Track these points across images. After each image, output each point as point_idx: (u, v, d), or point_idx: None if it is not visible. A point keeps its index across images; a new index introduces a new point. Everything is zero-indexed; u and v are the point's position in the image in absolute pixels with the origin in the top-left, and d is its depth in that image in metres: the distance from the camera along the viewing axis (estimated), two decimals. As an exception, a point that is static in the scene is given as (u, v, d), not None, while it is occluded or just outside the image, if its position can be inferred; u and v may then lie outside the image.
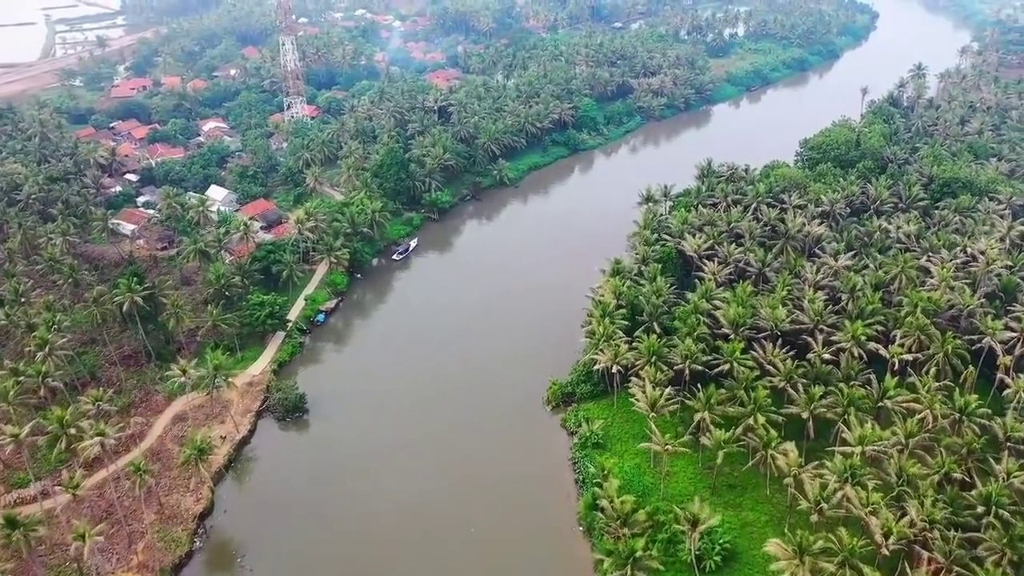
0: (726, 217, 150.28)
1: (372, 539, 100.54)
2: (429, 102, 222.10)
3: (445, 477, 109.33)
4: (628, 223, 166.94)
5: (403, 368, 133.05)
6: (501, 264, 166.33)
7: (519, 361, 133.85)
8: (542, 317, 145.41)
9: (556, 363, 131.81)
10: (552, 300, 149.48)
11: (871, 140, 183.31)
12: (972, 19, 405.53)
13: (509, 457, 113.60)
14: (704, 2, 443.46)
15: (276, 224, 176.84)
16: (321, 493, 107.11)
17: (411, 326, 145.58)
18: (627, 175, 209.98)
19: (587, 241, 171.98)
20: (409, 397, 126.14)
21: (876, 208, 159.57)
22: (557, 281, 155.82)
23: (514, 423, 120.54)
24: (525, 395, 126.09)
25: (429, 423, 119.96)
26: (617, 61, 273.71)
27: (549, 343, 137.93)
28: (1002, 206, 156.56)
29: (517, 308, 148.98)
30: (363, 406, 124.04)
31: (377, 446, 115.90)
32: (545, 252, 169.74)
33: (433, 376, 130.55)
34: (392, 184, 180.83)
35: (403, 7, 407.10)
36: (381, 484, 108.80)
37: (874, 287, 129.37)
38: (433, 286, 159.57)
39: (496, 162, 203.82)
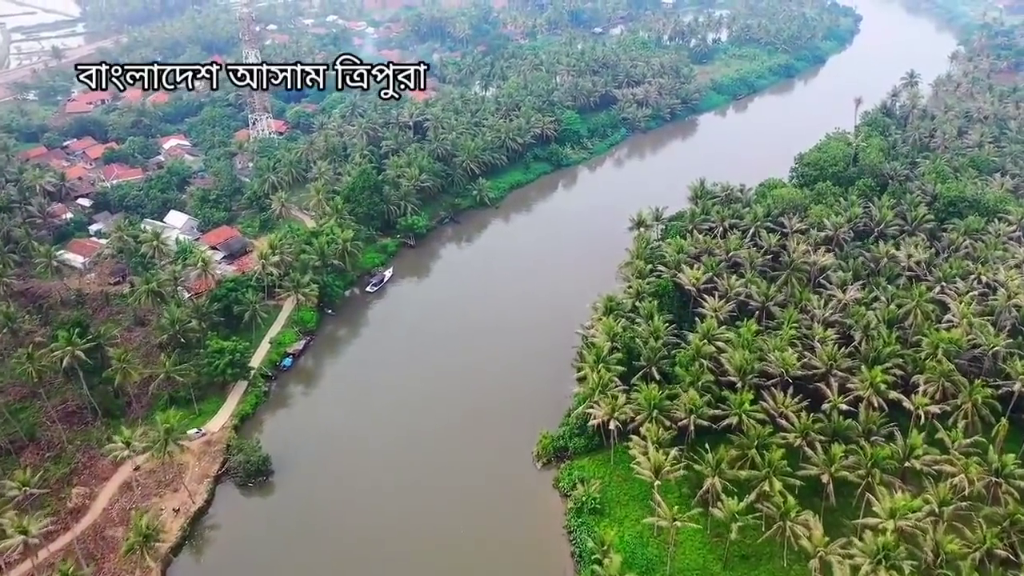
0: (724, 245, 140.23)
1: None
2: (404, 117, 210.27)
3: (425, 548, 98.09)
4: (617, 245, 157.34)
5: (378, 417, 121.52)
6: (483, 294, 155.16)
7: (505, 407, 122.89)
8: (528, 354, 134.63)
9: (545, 409, 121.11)
10: (539, 335, 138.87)
11: (870, 156, 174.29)
12: (955, 22, 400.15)
13: (496, 524, 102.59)
14: (684, 6, 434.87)
15: (240, 254, 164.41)
16: (287, 569, 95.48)
17: (387, 367, 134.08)
18: (614, 192, 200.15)
19: (574, 266, 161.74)
20: (385, 452, 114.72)
21: (880, 231, 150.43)
22: (544, 313, 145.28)
23: (501, 483, 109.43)
24: (512, 448, 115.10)
25: (407, 484, 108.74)
26: (599, 70, 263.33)
27: (537, 385, 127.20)
28: (1012, 227, 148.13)
29: (501, 344, 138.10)
30: (334, 464, 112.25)
31: (348, 512, 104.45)
32: (530, 279, 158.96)
33: (411, 427, 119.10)
34: (365, 209, 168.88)
35: (376, 12, 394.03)
36: (353, 555, 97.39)
37: (888, 323, 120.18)
38: (410, 320, 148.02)
39: (476, 181, 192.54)
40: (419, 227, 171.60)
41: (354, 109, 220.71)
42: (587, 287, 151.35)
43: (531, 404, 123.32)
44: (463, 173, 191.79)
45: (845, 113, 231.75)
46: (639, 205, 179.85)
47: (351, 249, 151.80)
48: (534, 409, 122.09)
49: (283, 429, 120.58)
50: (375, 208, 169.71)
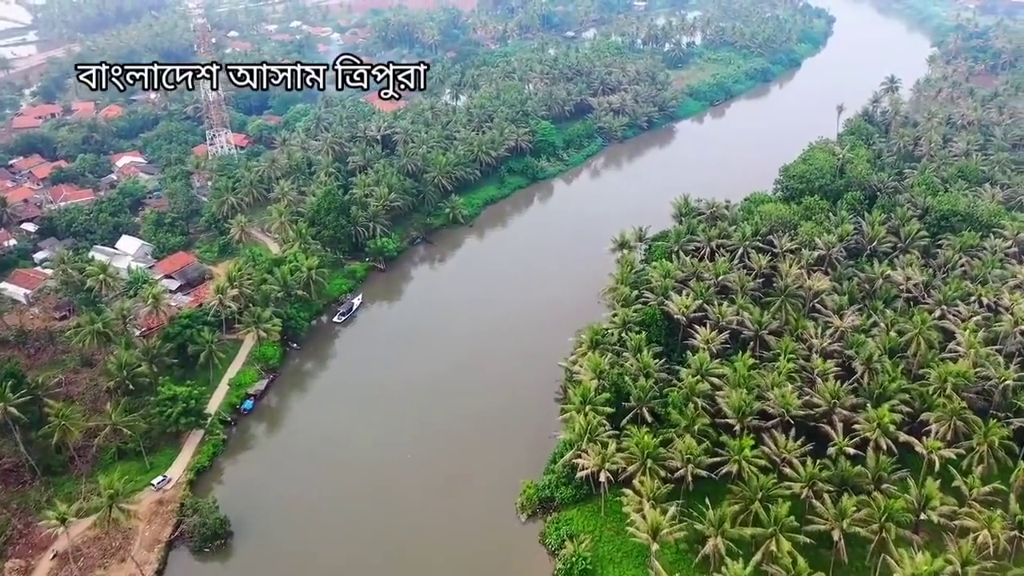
0: (713, 268, 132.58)
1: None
2: (372, 130, 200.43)
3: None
4: (598, 265, 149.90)
5: (348, 464, 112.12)
6: (457, 321, 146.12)
7: (484, 451, 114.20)
8: (508, 388, 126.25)
9: (528, 452, 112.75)
10: (519, 366, 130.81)
11: (857, 168, 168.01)
12: (927, 22, 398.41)
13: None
14: (656, 8, 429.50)
15: (197, 283, 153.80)
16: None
17: (357, 406, 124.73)
18: (593, 207, 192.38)
19: (554, 289, 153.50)
20: (355, 503, 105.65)
21: (873, 248, 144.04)
22: (523, 342, 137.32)
23: (481, 539, 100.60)
24: (494, 498, 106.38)
25: (379, 540, 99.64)
26: (574, 77, 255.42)
27: (519, 425, 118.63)
28: (1008, 243, 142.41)
29: (479, 378, 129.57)
30: (299, 520, 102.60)
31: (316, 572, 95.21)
32: (507, 304, 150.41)
33: (382, 474, 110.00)
34: (331, 232, 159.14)
35: (342, 18, 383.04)
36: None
37: (889, 352, 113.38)
38: (381, 352, 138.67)
39: (448, 198, 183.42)
40: (389, 250, 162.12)
41: (319, 122, 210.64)
42: (568, 312, 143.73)
43: (512, 446, 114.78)
44: (435, 190, 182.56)
45: (826, 119, 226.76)
46: (619, 220, 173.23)
47: (316, 278, 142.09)
48: (516, 452, 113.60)
49: (244, 483, 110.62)
50: (342, 231, 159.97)
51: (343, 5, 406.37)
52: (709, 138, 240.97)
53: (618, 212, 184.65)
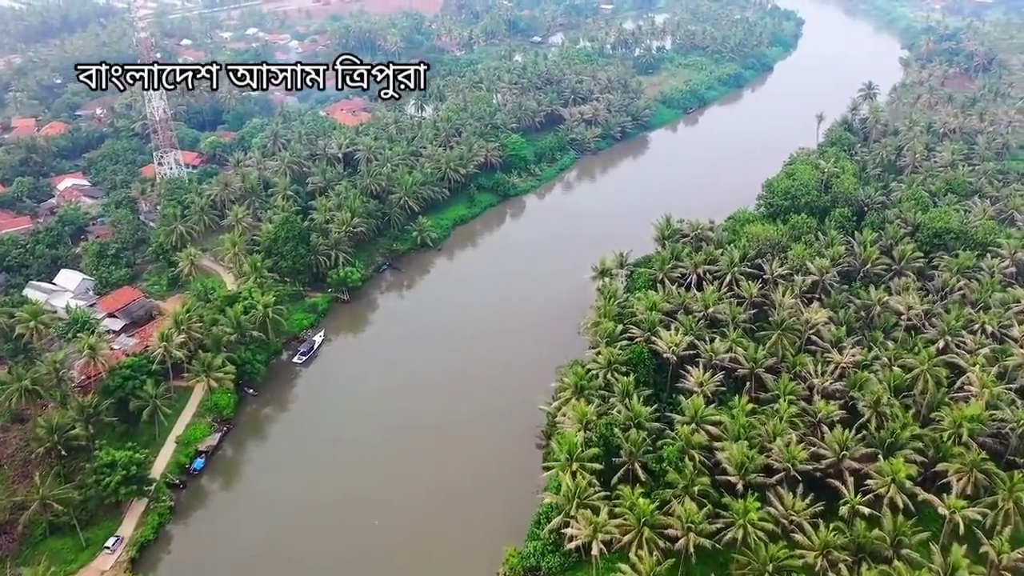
0: (702, 299, 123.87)
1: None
2: (332, 148, 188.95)
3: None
4: (576, 290, 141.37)
5: (310, 527, 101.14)
6: (428, 356, 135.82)
7: (461, 507, 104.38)
8: (485, 432, 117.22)
9: (510, 509, 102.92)
10: (495, 405, 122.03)
11: (844, 183, 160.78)
12: (895, 24, 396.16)
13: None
14: (623, 11, 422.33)
15: (144, 321, 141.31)
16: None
17: (320, 456, 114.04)
18: (568, 225, 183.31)
19: (531, 317, 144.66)
20: (321, 570, 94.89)
21: (867, 271, 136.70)
22: (499, 378, 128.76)
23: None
24: (472, 564, 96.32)
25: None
26: (543, 86, 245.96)
27: (497, 474, 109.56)
28: (1006, 263, 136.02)
29: (453, 422, 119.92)
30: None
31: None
32: (481, 336, 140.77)
33: (348, 539, 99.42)
34: (290, 263, 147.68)
35: (300, 24, 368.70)
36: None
37: (894, 390, 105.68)
38: (346, 395, 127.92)
39: (415, 220, 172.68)
40: (353, 280, 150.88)
41: (276, 139, 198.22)
42: (547, 343, 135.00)
43: (492, 503, 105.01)
44: (401, 212, 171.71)
45: (804, 126, 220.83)
46: (597, 240, 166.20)
47: (274, 316, 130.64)
48: (496, 510, 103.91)
49: (195, 554, 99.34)
50: (301, 261, 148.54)
51: (301, 11, 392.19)
52: (685, 149, 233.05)
53: (595, 231, 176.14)
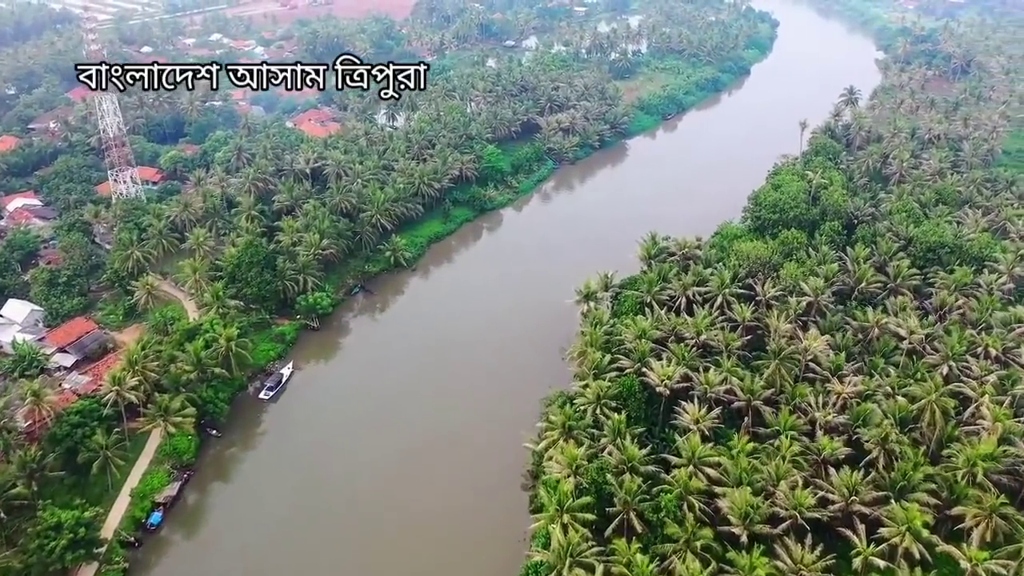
0: (693, 325, 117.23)
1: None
2: (299, 163, 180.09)
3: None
4: (559, 311, 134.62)
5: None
6: (403, 386, 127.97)
7: (441, 553, 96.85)
8: (467, 472, 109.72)
9: (496, 561, 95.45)
10: (477, 443, 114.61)
11: (832, 195, 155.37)
12: (869, 24, 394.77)
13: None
14: (597, 13, 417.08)
15: (98, 356, 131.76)
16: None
17: (289, 502, 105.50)
18: (547, 238, 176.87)
19: (512, 341, 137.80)
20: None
21: (861, 290, 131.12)
22: (480, 412, 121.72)
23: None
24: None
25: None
26: (518, 93, 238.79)
27: (481, 519, 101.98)
28: (1003, 279, 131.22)
29: (431, 458, 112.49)
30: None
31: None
32: (459, 362, 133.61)
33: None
34: (255, 290, 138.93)
35: (266, 30, 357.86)
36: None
37: (899, 423, 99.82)
38: (316, 432, 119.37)
39: (388, 239, 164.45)
40: (323, 306, 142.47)
41: (239, 154, 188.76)
42: (529, 369, 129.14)
43: (477, 554, 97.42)
44: (372, 231, 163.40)
45: (785, 131, 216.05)
46: (578, 256, 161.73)
47: (238, 349, 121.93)
48: (482, 562, 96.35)
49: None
50: (267, 287, 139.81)
51: (267, 16, 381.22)
52: (665, 157, 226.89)
53: (576, 245, 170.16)
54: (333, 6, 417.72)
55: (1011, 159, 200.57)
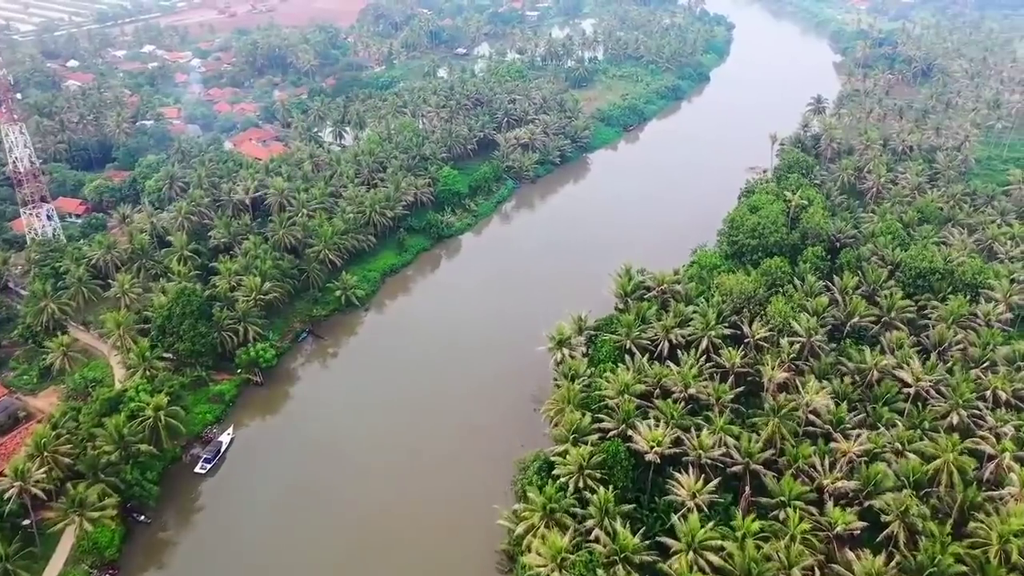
0: (680, 376, 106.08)
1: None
2: (238, 193, 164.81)
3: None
4: (527, 352, 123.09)
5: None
6: (357, 448, 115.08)
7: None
8: (433, 549, 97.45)
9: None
10: (445, 514, 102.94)
11: (813, 217, 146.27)
12: (824, 26, 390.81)
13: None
14: (550, 18, 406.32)
15: (8, 428, 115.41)
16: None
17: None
18: (510, 266, 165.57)
19: (476, 394, 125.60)
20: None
21: (853, 326, 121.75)
22: (447, 478, 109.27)
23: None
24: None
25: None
26: (474, 107, 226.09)
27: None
28: (1000, 308, 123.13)
29: (392, 537, 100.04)
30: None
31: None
32: (418, 419, 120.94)
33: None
34: (188, 344, 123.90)
35: (203, 40, 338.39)
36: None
37: (914, 485, 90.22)
38: (259, 506, 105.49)
39: (337, 276, 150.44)
40: (267, 359, 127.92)
41: (172, 183, 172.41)
42: (499, 426, 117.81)
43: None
44: (320, 268, 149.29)
45: (750, 141, 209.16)
46: (543, 283, 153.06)
47: (168, 420, 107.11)
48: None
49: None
50: (202, 341, 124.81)
51: (204, 25, 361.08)
52: (628, 171, 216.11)
53: (542, 273, 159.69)
54: (275, 13, 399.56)
55: (982, 168, 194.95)
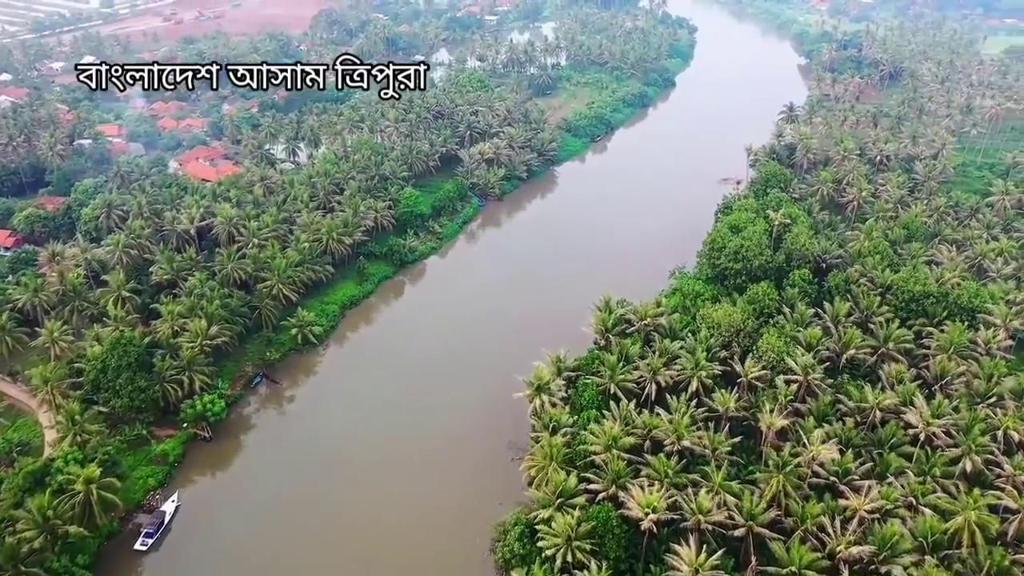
0: (672, 428, 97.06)
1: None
2: (183, 223, 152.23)
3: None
4: (503, 392, 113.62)
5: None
6: (316, 510, 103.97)
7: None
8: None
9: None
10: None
11: (798, 238, 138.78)
12: (787, 28, 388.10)
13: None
14: (509, 22, 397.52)
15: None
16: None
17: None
18: (478, 292, 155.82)
19: (445, 435, 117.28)
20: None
21: (849, 358, 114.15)
22: (417, 544, 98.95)
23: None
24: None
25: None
26: (435, 120, 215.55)
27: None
28: (1000, 335, 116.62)
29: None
30: None
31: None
32: (384, 474, 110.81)
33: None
34: (126, 401, 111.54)
35: (147, 49, 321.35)
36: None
37: (932, 547, 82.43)
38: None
39: (293, 312, 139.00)
40: (216, 412, 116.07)
41: (109, 211, 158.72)
42: (473, 476, 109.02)
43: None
44: (274, 304, 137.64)
45: (721, 148, 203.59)
46: (513, 312, 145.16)
47: (103, 493, 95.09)
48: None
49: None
50: (142, 396, 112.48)
51: (147, 34, 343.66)
52: (598, 185, 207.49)
53: (512, 301, 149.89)
54: (223, 20, 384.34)
55: (958, 174, 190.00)
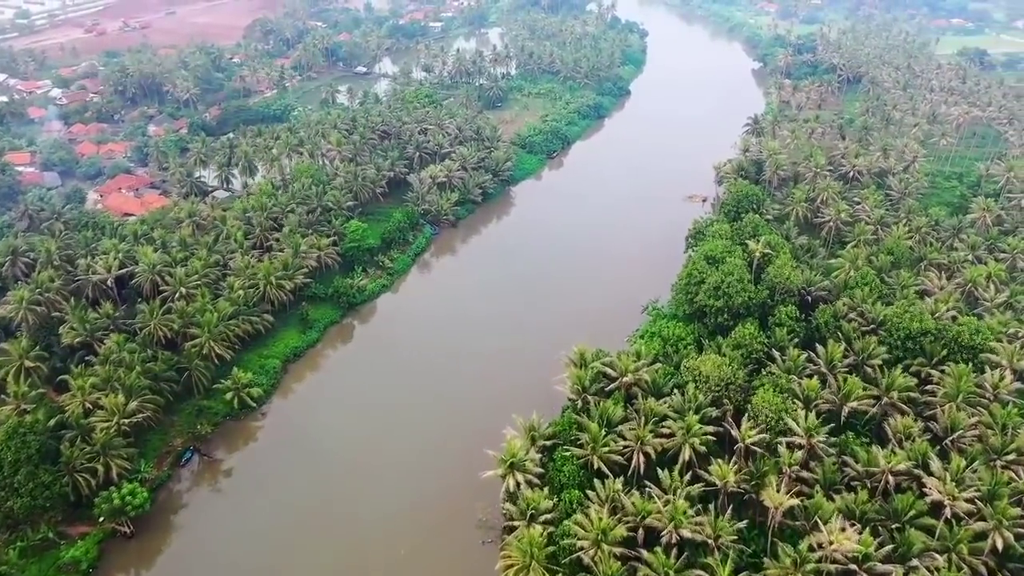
0: (668, 513, 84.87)
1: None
2: (99, 272, 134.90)
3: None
4: (470, 461, 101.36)
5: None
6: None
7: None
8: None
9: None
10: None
11: (782, 270, 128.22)
12: (738, 31, 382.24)
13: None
14: (454, 29, 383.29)
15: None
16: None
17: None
18: (434, 334, 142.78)
19: (407, 507, 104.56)
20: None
21: (851, 411, 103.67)
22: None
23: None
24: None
25: None
26: (380, 141, 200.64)
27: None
28: (1007, 376, 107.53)
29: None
30: None
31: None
32: (332, 566, 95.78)
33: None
34: (26, 500, 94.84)
35: (65, 65, 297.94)
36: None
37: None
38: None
39: (227, 372, 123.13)
40: (137, 503, 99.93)
41: (14, 259, 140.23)
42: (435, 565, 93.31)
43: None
44: (205, 364, 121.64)
45: (682, 159, 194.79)
46: (474, 357, 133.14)
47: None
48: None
49: None
50: (45, 494, 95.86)
51: (66, 48, 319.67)
52: (559, 206, 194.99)
53: (471, 344, 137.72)
54: (150, 31, 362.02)
55: (928, 185, 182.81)
